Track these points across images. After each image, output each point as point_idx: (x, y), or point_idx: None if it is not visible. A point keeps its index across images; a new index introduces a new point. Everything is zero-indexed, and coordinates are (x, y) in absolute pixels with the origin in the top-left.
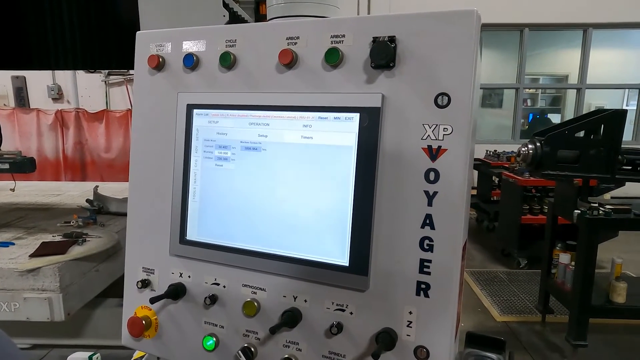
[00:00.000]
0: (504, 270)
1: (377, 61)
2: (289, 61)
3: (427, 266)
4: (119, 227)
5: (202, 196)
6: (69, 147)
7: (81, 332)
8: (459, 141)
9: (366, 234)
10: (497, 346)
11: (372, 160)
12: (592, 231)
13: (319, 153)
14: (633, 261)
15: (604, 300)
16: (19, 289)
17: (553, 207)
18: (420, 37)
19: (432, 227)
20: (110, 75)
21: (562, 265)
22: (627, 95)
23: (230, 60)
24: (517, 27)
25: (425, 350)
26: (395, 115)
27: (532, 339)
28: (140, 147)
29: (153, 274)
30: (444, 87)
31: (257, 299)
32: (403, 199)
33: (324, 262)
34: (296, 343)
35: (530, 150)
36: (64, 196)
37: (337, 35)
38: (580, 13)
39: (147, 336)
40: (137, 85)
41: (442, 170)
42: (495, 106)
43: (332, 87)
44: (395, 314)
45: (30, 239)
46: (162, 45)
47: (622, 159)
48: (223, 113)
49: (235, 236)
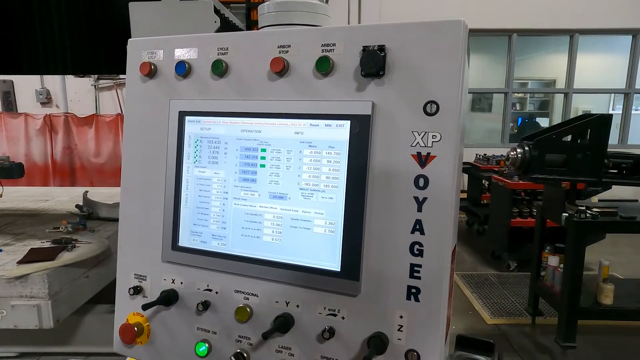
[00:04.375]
0: (494, 273)
1: (367, 70)
2: (281, 69)
3: (418, 271)
4: (109, 233)
5: (193, 202)
6: (57, 152)
7: (70, 339)
8: (447, 148)
9: (357, 240)
10: (486, 348)
11: (363, 167)
12: (579, 234)
13: (310, 160)
14: (620, 263)
15: (592, 302)
16: (6, 297)
17: (542, 210)
18: (409, 46)
19: (422, 233)
20: (100, 80)
21: (551, 267)
22: (613, 99)
23: (222, 67)
24: (505, 33)
25: (416, 353)
26: (385, 122)
27: (522, 341)
28: (132, 153)
29: (145, 280)
30: (432, 95)
31: (249, 304)
32: (393, 204)
33: (315, 268)
34: (288, 348)
35: (518, 155)
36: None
37: (328, 44)
38: (567, 19)
39: (139, 343)
40: (129, 93)
41: (431, 177)
42: (485, 110)
43: (323, 94)
44: (386, 318)
45: (19, 245)
46: (154, 52)
47: (608, 163)
48: (215, 120)
49: (227, 242)
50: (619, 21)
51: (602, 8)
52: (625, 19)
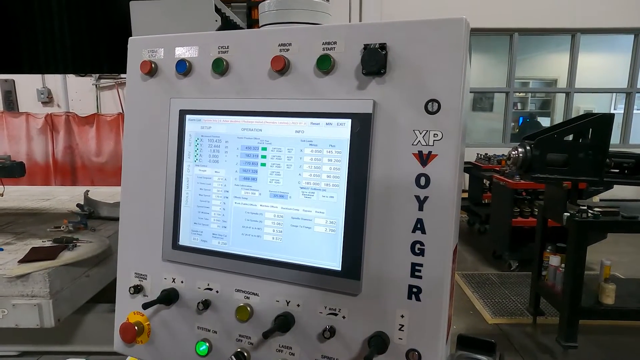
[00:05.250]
0: (495, 273)
1: (368, 68)
2: (281, 67)
3: (419, 270)
4: (110, 232)
5: (194, 201)
6: (59, 151)
7: (71, 338)
8: (449, 146)
9: (358, 239)
10: (487, 348)
11: (364, 166)
12: (581, 233)
13: (310, 159)
14: (622, 263)
15: (593, 302)
16: (7, 296)
17: (543, 209)
18: (411, 44)
19: (423, 232)
20: (101, 79)
21: (553, 267)
22: (615, 99)
23: (223, 66)
24: (507, 32)
25: (417, 353)
26: (386, 121)
27: (523, 340)
28: (133, 152)
29: (145, 279)
30: (434, 93)
31: (250, 303)
32: (394, 203)
33: (316, 267)
34: (289, 347)
35: (520, 154)
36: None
37: (329, 42)
38: (568, 18)
39: (140, 342)
40: (130, 91)
41: (432, 176)
42: (486, 110)
43: (324, 93)
44: (387, 317)
45: (20, 245)
46: (155, 51)
47: (610, 162)
48: (216, 119)
49: (228, 241)
50: (620, 20)
51: (604, 7)
52: (627, 18)
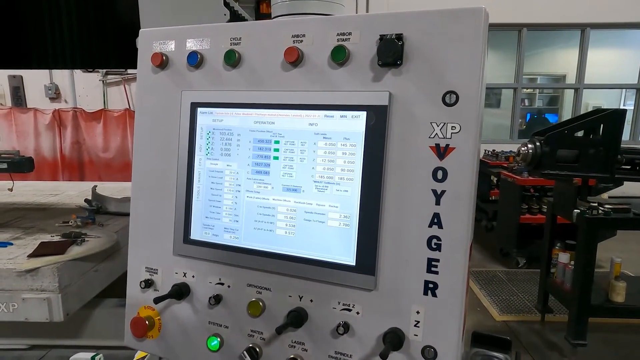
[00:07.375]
0: (503, 270)
1: (384, 59)
2: (295, 59)
3: (435, 265)
4: (118, 227)
5: (205, 195)
6: (66, 146)
7: (80, 332)
8: (467, 139)
9: (373, 233)
10: (502, 346)
11: (379, 159)
12: (591, 230)
13: (324, 152)
14: (632, 260)
15: (603, 300)
16: (17, 290)
17: (552, 206)
18: (428, 34)
19: (440, 226)
20: (108, 75)
21: (562, 264)
22: (625, 95)
23: (235, 58)
24: (515, 27)
25: (433, 350)
26: (403, 113)
27: (531, 338)
28: (143, 146)
29: (156, 274)
30: (452, 85)
31: (262, 298)
32: (410, 197)
33: (330, 262)
34: (302, 343)
35: (530, 150)
36: (62, 196)
37: (344, 33)
38: (578, 13)
39: (151, 336)
40: (140, 84)
41: (450, 169)
42: (494, 106)
43: (338, 85)
44: (402, 313)
45: (29, 239)
46: (166, 43)
47: (621, 159)
48: (228, 111)
49: (239, 235)
50: (631, 15)
51: (614, 1)
52: (638, 13)
